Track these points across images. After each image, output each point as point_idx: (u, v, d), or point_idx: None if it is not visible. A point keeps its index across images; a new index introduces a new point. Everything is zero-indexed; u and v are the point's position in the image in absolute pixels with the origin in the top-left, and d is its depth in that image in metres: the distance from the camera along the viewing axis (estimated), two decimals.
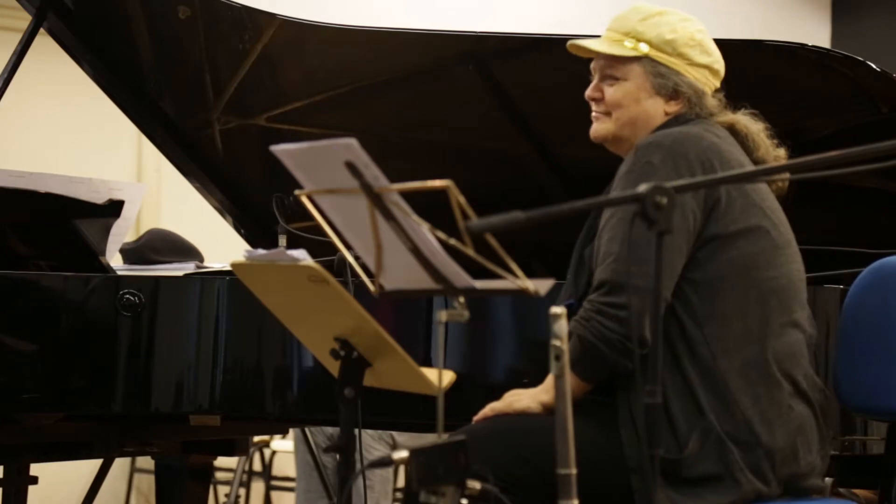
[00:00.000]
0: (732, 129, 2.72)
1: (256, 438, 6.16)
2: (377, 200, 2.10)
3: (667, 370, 2.53)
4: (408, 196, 2.09)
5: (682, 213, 2.53)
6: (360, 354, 2.35)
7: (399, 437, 4.99)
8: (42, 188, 3.41)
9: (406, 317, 3.21)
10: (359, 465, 2.37)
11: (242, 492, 6.51)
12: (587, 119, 2.80)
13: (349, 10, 5.72)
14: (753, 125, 2.74)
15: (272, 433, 5.62)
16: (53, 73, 4.99)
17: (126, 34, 3.89)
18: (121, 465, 6.42)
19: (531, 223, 1.88)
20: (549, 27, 4.71)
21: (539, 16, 7.12)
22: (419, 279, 2.18)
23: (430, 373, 2.38)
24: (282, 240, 3.73)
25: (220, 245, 4.64)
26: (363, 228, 2.16)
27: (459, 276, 2.15)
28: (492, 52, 3.59)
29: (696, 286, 2.56)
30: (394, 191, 2.08)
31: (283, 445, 6.28)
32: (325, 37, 3.63)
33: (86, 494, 4.14)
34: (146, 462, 6.35)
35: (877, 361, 2.77)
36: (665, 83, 2.71)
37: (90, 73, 3.97)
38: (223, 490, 6.55)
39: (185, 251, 4.44)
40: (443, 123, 3.81)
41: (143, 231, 4.81)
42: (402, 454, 2.05)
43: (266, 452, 6.63)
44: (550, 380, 2.52)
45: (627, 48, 2.71)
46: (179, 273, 3.66)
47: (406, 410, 3.01)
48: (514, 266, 2.08)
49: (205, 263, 4.22)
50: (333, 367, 2.39)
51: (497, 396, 2.69)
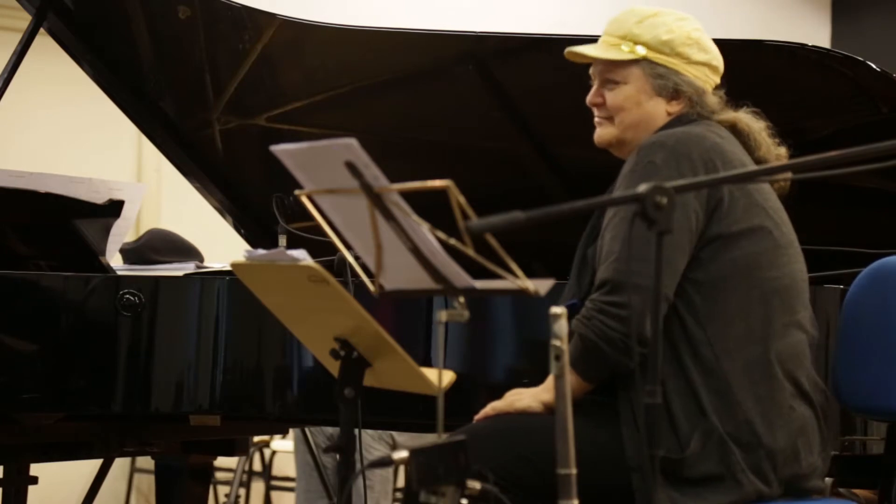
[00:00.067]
0: (734, 128, 2.72)
1: (256, 438, 6.16)
2: (377, 200, 2.10)
3: (669, 370, 2.53)
4: (408, 196, 2.09)
5: (685, 213, 2.53)
6: (360, 354, 2.35)
7: (399, 437, 4.99)
8: (42, 188, 3.41)
9: (406, 317, 3.20)
10: (359, 465, 2.37)
11: (242, 492, 6.51)
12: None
13: (349, 10, 5.72)
14: (755, 124, 2.73)
15: (272, 433, 5.62)
16: (53, 73, 4.99)
17: (126, 34, 3.89)
18: (121, 465, 6.42)
19: (531, 223, 1.88)
20: (549, 27, 4.71)
21: (539, 16, 7.12)
22: (419, 279, 2.18)
23: (430, 373, 2.38)
24: (282, 240, 3.72)
25: (220, 245, 4.64)
26: (363, 228, 2.16)
27: (459, 276, 2.15)
28: (492, 52, 3.59)
29: (699, 286, 2.56)
30: (394, 191, 2.08)
31: (283, 445, 6.28)
32: (325, 37, 3.63)
33: (86, 494, 4.13)
34: (146, 462, 6.35)
35: (877, 361, 2.77)
36: (665, 84, 2.71)
37: (90, 73, 3.97)
38: (223, 490, 6.55)
39: (185, 251, 4.44)
40: (443, 123, 3.81)
41: (143, 231, 4.81)
42: (402, 454, 2.04)
43: (266, 452, 6.63)
44: (552, 379, 2.52)
45: (625, 52, 2.71)
46: (179, 273, 3.66)
47: (406, 410, 3.01)
48: (514, 266, 2.08)
49: (205, 263, 4.21)
50: (333, 367, 2.39)
51: (497, 396, 2.69)
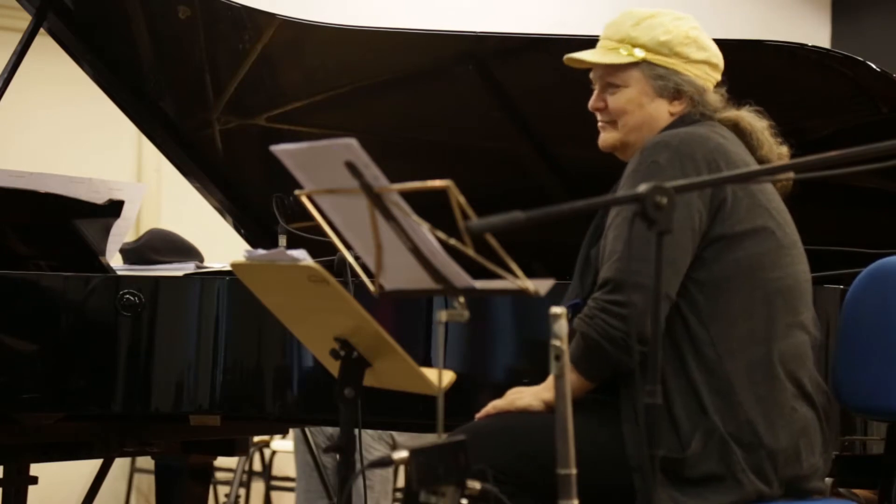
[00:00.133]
0: (737, 127, 2.72)
1: (256, 438, 6.16)
2: (377, 200, 2.10)
3: (671, 370, 2.53)
4: (408, 196, 2.09)
5: (689, 213, 2.53)
6: (360, 354, 2.35)
7: (399, 437, 4.99)
8: (42, 188, 3.41)
9: (406, 317, 3.20)
10: (359, 465, 2.37)
11: (242, 492, 6.51)
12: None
13: (349, 10, 5.72)
14: (757, 122, 2.73)
15: (272, 433, 5.62)
16: (53, 73, 4.99)
17: (126, 34, 3.89)
18: (121, 465, 6.42)
19: (531, 223, 1.88)
20: (549, 27, 4.71)
21: (539, 16, 7.12)
22: (419, 279, 2.18)
23: (430, 373, 2.38)
24: (282, 240, 3.72)
25: (220, 245, 4.64)
26: (363, 228, 2.16)
27: (459, 276, 2.15)
28: (492, 52, 3.59)
29: (702, 286, 2.56)
30: (394, 191, 2.08)
31: (283, 445, 6.28)
32: (325, 37, 3.63)
33: (86, 494, 4.13)
34: (146, 462, 6.35)
35: (877, 361, 2.77)
36: (666, 84, 2.71)
37: (90, 73, 3.97)
38: (223, 490, 6.55)
39: (185, 251, 4.44)
40: (443, 123, 3.81)
41: (143, 231, 4.81)
42: (402, 454, 2.04)
43: (266, 452, 6.63)
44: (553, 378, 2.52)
45: (623, 56, 2.70)
46: (179, 273, 3.66)
47: (406, 410, 3.01)
48: (514, 266, 2.08)
49: (205, 263, 4.21)
50: (333, 367, 2.39)
51: (497, 396, 2.69)
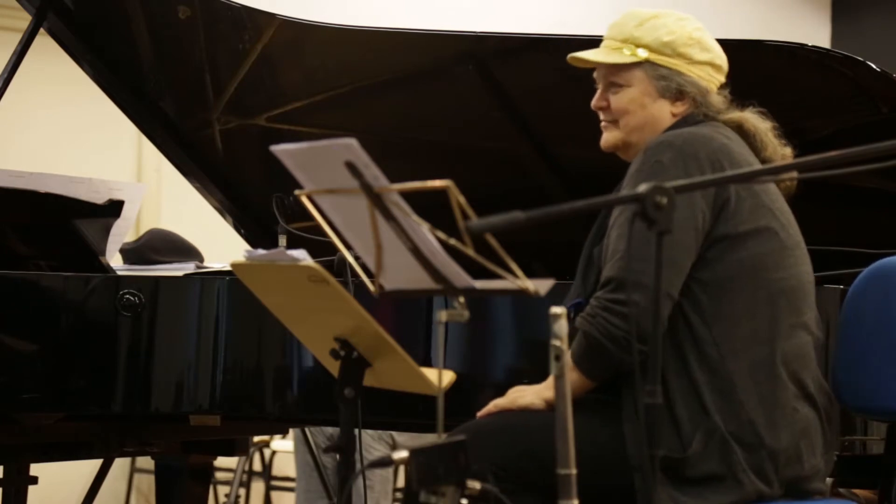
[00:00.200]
0: (741, 129, 2.71)
1: (256, 438, 6.16)
2: (377, 200, 2.10)
3: (673, 369, 2.53)
4: (408, 196, 2.09)
5: (692, 213, 2.53)
6: (360, 354, 2.35)
7: (399, 437, 4.99)
8: (42, 188, 3.41)
9: (406, 317, 3.20)
10: (359, 465, 2.37)
11: (242, 492, 6.51)
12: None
13: (349, 10, 5.72)
14: (761, 124, 2.73)
15: (272, 433, 5.62)
16: (53, 73, 4.99)
17: (126, 34, 3.89)
18: (121, 465, 6.42)
19: (531, 223, 1.88)
20: (549, 27, 4.71)
21: (539, 16, 7.12)
22: (419, 279, 2.18)
23: (430, 373, 2.38)
24: (282, 240, 3.72)
25: (220, 245, 4.64)
26: (363, 228, 2.16)
27: (459, 276, 2.15)
28: (492, 52, 3.59)
29: (705, 286, 2.56)
30: (394, 191, 2.08)
31: (283, 445, 6.28)
32: (325, 37, 3.63)
33: (86, 494, 4.13)
34: (146, 462, 6.35)
35: (877, 361, 2.77)
36: (668, 85, 2.71)
37: (90, 73, 3.97)
38: (223, 490, 6.55)
39: (185, 251, 4.44)
40: (443, 123, 3.81)
41: (143, 231, 4.81)
42: (402, 454, 2.04)
43: (266, 452, 6.63)
44: None
45: (627, 55, 2.71)
46: (179, 273, 3.66)
47: (406, 410, 3.01)
48: (514, 266, 2.08)
49: (205, 263, 4.21)
50: (333, 367, 2.39)
51: (497, 396, 2.69)
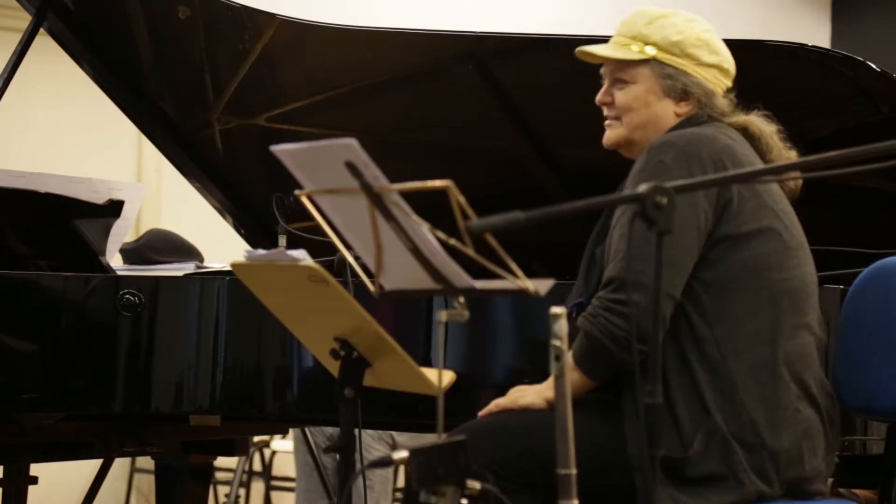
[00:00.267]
0: (746, 131, 2.71)
1: (256, 438, 6.16)
2: (377, 200, 2.10)
3: (674, 369, 2.53)
4: (408, 196, 2.09)
5: (694, 213, 2.53)
6: (360, 354, 2.35)
7: (399, 437, 4.99)
8: (42, 188, 3.41)
9: (406, 317, 3.20)
10: (359, 465, 2.37)
11: (242, 492, 6.51)
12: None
13: (349, 10, 5.72)
14: (767, 127, 2.73)
15: (272, 433, 5.62)
16: (53, 73, 4.99)
17: (126, 34, 3.89)
18: (121, 465, 6.42)
19: (531, 223, 1.88)
20: (549, 27, 4.71)
21: (539, 16, 7.12)
22: (419, 279, 2.18)
23: (430, 373, 2.38)
24: (282, 240, 3.72)
25: (220, 245, 4.64)
26: (363, 228, 2.16)
27: (459, 276, 2.15)
28: (492, 52, 3.59)
29: (707, 286, 2.56)
30: (394, 191, 2.08)
31: (283, 445, 6.28)
32: (325, 37, 3.63)
33: (86, 494, 4.13)
34: (146, 462, 6.35)
35: (877, 361, 2.77)
36: (674, 85, 2.70)
37: (90, 73, 3.97)
38: (223, 490, 6.55)
39: (185, 251, 4.44)
40: (443, 123, 3.81)
41: (143, 231, 4.81)
42: (402, 454, 2.04)
43: (266, 452, 6.63)
44: None
45: (634, 52, 2.71)
46: (179, 273, 3.66)
47: (406, 410, 3.01)
48: (514, 266, 2.08)
49: (205, 263, 4.21)
50: (333, 367, 2.39)
51: (497, 396, 2.69)
